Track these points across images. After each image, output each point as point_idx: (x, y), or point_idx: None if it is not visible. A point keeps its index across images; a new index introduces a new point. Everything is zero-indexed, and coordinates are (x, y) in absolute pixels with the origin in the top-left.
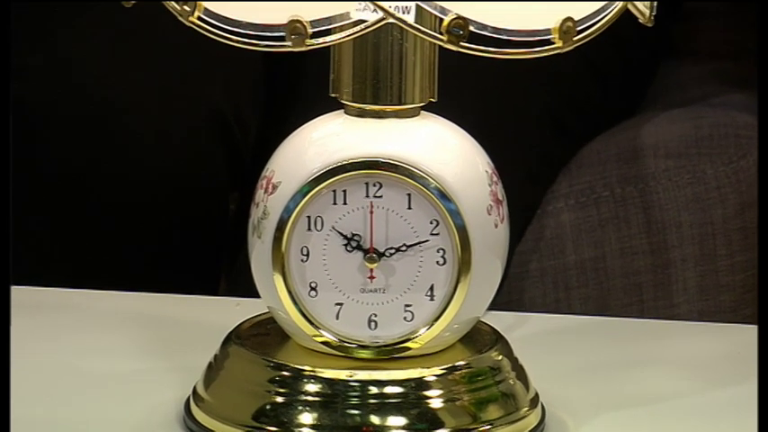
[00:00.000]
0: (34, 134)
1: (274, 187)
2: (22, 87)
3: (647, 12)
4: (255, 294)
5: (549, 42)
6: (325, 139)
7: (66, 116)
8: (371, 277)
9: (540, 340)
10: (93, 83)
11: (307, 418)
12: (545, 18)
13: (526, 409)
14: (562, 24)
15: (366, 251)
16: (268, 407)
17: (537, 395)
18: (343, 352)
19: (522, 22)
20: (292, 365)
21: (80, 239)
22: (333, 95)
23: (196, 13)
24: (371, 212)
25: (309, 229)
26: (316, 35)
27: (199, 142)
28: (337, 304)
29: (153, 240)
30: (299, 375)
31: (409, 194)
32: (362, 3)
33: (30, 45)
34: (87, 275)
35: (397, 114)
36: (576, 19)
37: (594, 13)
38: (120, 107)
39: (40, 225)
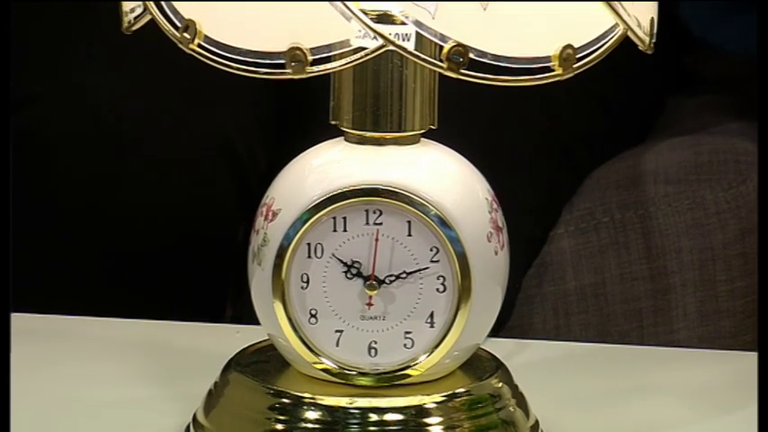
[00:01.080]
0: (46, 161)
1: (274, 214)
2: (35, 115)
3: (647, 39)
4: (257, 321)
5: (549, 69)
6: (326, 167)
7: (77, 144)
8: (370, 304)
9: (540, 367)
10: (105, 111)
11: None
12: (545, 45)
13: None
14: (562, 51)
15: (366, 278)
16: None
17: (537, 422)
18: (343, 379)
19: (521, 49)
20: (292, 393)
21: (84, 265)
22: (333, 122)
23: (196, 41)
24: (377, 240)
25: (309, 257)
26: (316, 62)
27: (209, 171)
28: (337, 331)
29: (161, 268)
30: (299, 402)
31: (409, 222)
32: (362, 30)
33: (43, 73)
34: (89, 302)
35: (397, 141)
36: (575, 46)
37: (594, 40)
38: (132, 135)
39: (44, 252)
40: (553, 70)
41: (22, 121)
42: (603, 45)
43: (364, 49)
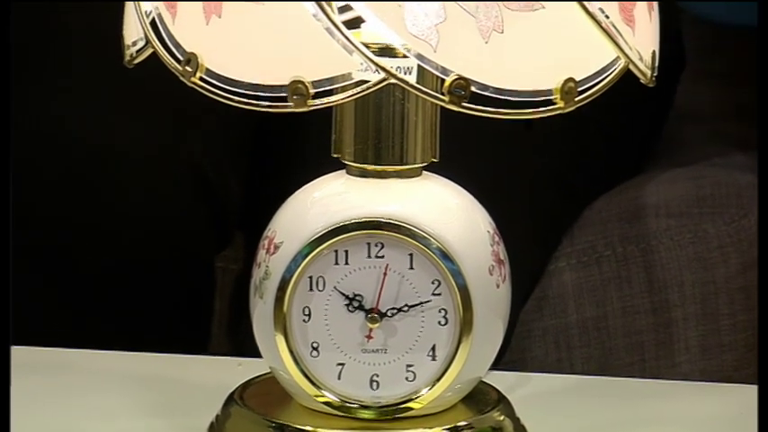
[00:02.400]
0: (23, 193)
1: (276, 247)
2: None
3: (649, 72)
4: (258, 354)
5: (550, 102)
6: (327, 200)
7: (51, 174)
8: (369, 337)
9: (542, 400)
10: (78, 141)
11: None
12: (547, 78)
13: None
14: (564, 85)
15: (368, 311)
16: None
17: None
18: (345, 412)
19: (523, 82)
20: (295, 426)
21: (78, 298)
22: (335, 156)
23: (198, 74)
24: (385, 275)
25: (311, 290)
26: (318, 95)
27: (183, 199)
28: (339, 364)
29: (143, 299)
30: None
31: (411, 254)
32: (364, 63)
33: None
34: (87, 335)
35: (398, 174)
36: (577, 79)
37: (596, 73)
38: (100, 164)
39: (38, 284)
40: (555, 103)
41: None
42: (605, 78)
43: (366, 82)
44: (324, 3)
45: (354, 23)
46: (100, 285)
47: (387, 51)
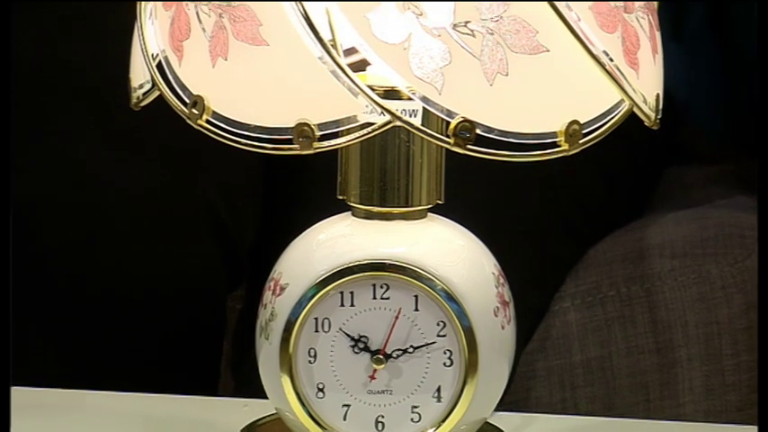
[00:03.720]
0: (33, 232)
1: (282, 289)
2: (21, 185)
3: (653, 115)
4: (264, 395)
5: (555, 145)
6: (333, 241)
7: (64, 215)
8: (372, 377)
9: None
10: (89, 180)
11: None
12: (551, 121)
13: None
14: (568, 127)
15: (373, 352)
16: None
17: None
18: None
19: (528, 124)
20: None
21: (81, 339)
22: (340, 197)
23: (204, 116)
24: (397, 318)
25: (317, 331)
26: (323, 138)
27: (195, 239)
28: (344, 405)
29: (153, 340)
30: None
31: (416, 296)
32: (369, 106)
33: (29, 142)
34: (90, 376)
35: (404, 216)
36: (581, 122)
37: (600, 116)
38: (118, 205)
39: (41, 325)
40: (559, 146)
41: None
42: (610, 120)
43: (371, 124)
44: (329, 46)
45: (360, 66)
46: (108, 325)
47: (392, 94)
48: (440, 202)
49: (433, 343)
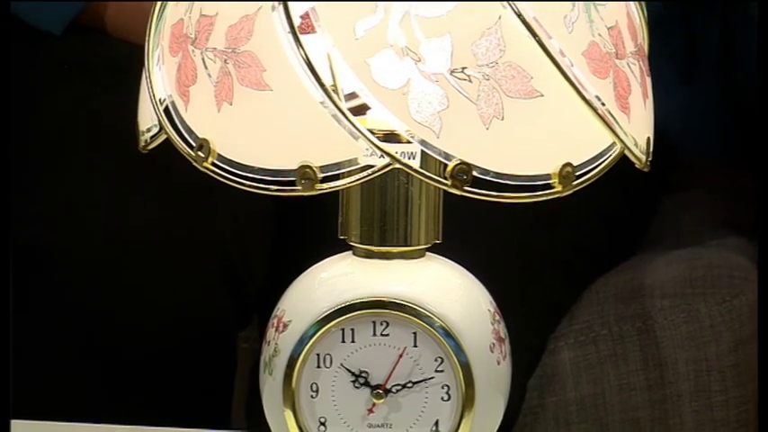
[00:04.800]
0: (46, 276)
1: (285, 326)
2: (34, 232)
3: (644, 157)
4: (269, 430)
5: (549, 186)
6: (334, 280)
7: (77, 259)
8: (371, 411)
9: None
10: (102, 226)
11: None
12: (545, 163)
13: None
14: (562, 169)
15: (373, 387)
16: None
17: None
18: None
19: (523, 166)
20: None
21: (93, 376)
22: (341, 237)
23: (210, 159)
24: (401, 356)
25: (319, 366)
26: (325, 180)
27: (207, 279)
28: None
29: (164, 378)
30: None
31: (415, 333)
32: (370, 149)
33: (41, 191)
34: (91, 409)
35: (403, 256)
36: (575, 164)
37: (593, 158)
38: (129, 249)
39: (46, 359)
40: (553, 187)
41: (23, 238)
42: (602, 163)
43: (372, 166)
44: (331, 91)
45: (360, 110)
46: (120, 361)
47: (391, 137)
48: (438, 242)
49: (432, 378)
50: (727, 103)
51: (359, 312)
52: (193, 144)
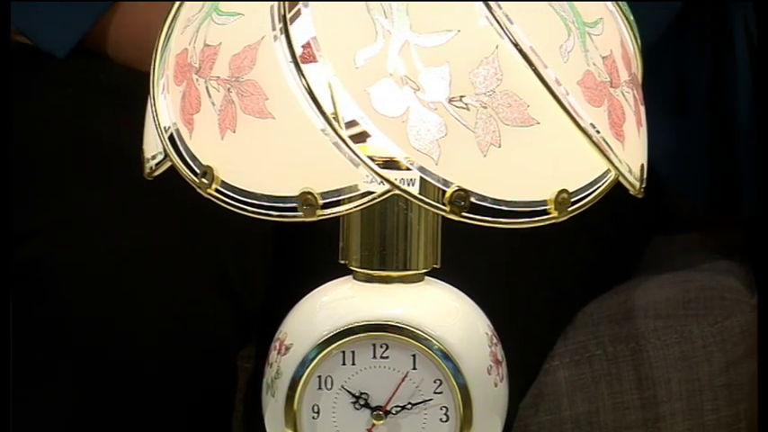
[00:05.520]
0: (46, 292)
1: (287, 349)
2: (37, 248)
3: (638, 184)
4: None
5: (545, 212)
6: (335, 303)
7: (78, 274)
8: (370, 431)
9: None
10: (104, 243)
11: None
12: (541, 189)
13: None
14: (557, 196)
15: (374, 409)
16: None
17: None
18: None
19: (519, 193)
20: None
21: (91, 397)
22: (342, 262)
23: (213, 186)
24: (403, 380)
25: (320, 388)
26: (326, 206)
27: (207, 301)
28: None
29: (164, 396)
30: None
31: (414, 355)
32: (370, 175)
33: (42, 207)
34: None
35: (402, 280)
36: (570, 190)
37: (588, 185)
38: (130, 267)
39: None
40: (549, 213)
41: (26, 253)
42: (597, 189)
43: (372, 193)
44: (332, 118)
45: (361, 138)
46: (119, 382)
47: (391, 164)
48: (436, 267)
49: (430, 400)
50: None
51: (359, 335)
52: (197, 171)
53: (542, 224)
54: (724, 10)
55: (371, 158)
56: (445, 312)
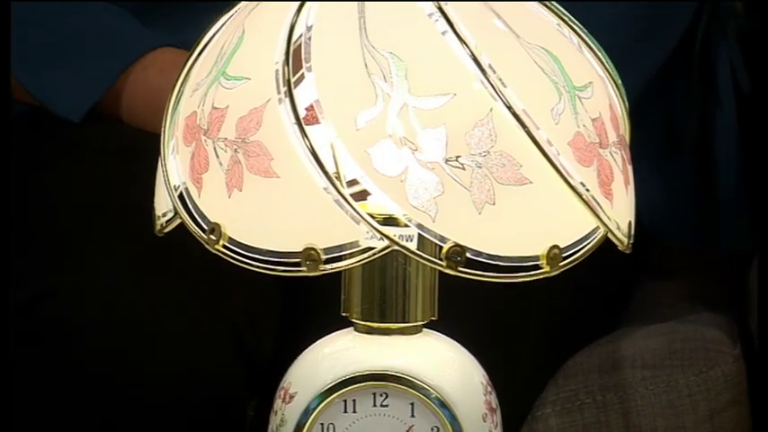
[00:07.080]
0: (59, 350)
1: (291, 397)
2: (51, 307)
3: (626, 240)
4: None
5: (537, 267)
6: (337, 354)
7: (90, 332)
8: None
9: None
10: (114, 300)
11: None
12: (534, 245)
13: None
14: (549, 251)
15: None
16: None
17: None
18: None
19: (513, 249)
20: None
21: None
22: (344, 314)
23: (221, 242)
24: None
25: None
26: (328, 261)
27: (217, 354)
28: None
29: None
30: None
31: (412, 403)
32: (370, 232)
33: (54, 267)
34: None
35: (401, 331)
36: (561, 246)
37: (578, 240)
38: (140, 322)
39: None
40: (541, 268)
41: (40, 311)
42: (587, 245)
43: (372, 248)
44: (334, 178)
45: (361, 196)
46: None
47: (390, 221)
48: (434, 319)
49: None
50: (702, 187)
51: (360, 385)
52: (206, 228)
53: (535, 278)
54: (710, 59)
55: (372, 216)
56: (442, 362)
